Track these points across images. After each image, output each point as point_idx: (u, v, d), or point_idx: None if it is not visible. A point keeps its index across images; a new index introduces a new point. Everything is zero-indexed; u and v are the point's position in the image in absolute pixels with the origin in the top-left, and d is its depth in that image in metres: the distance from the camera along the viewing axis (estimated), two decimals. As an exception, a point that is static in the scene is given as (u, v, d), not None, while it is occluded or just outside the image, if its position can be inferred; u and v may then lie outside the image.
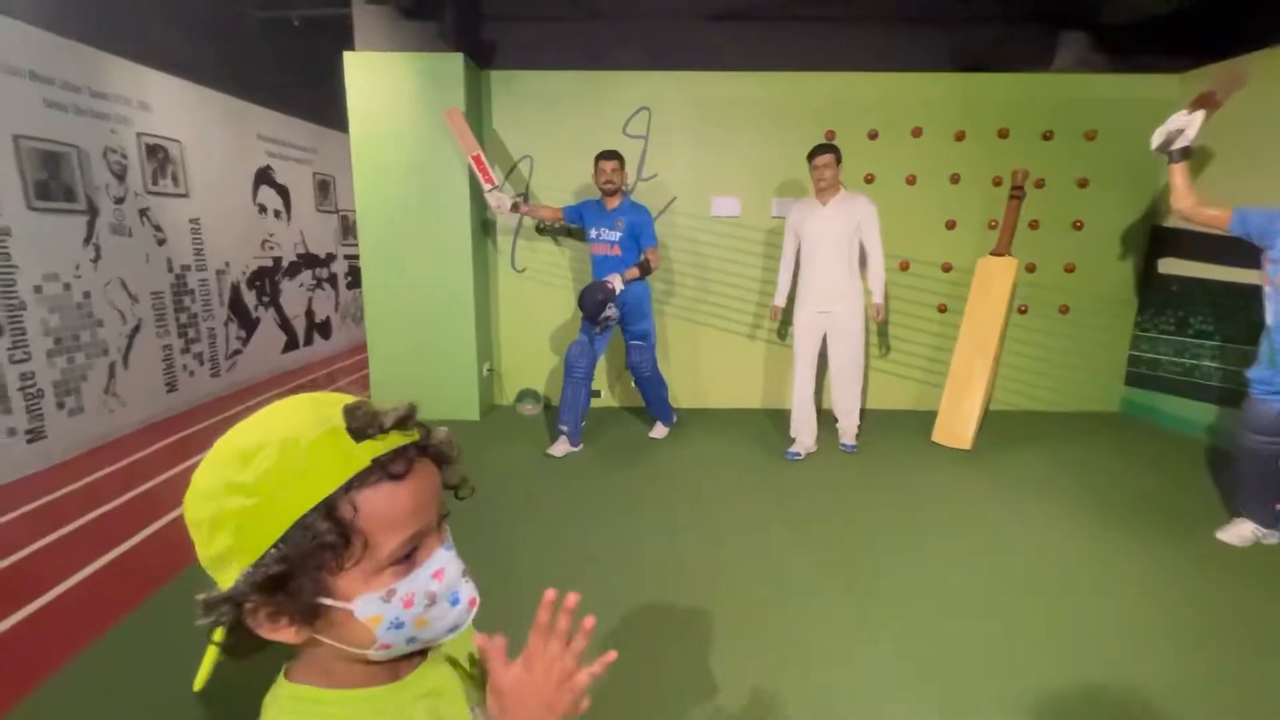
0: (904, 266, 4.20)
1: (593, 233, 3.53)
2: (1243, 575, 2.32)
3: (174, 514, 2.82)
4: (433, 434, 0.55)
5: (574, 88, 4.03)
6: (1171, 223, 3.93)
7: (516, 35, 4.08)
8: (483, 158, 3.64)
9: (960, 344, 3.78)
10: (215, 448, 0.50)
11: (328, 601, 0.49)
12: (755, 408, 4.44)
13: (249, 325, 5.10)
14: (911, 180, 4.10)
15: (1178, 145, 2.55)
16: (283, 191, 5.52)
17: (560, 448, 3.49)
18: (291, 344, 5.74)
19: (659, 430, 3.85)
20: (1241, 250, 2.54)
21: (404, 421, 0.52)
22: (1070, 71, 4.00)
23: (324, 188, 6.20)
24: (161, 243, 4.12)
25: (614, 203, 3.48)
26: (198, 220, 4.46)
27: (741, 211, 4.17)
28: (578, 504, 2.91)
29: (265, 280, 5.31)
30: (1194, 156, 2.79)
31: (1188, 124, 2.54)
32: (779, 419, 4.07)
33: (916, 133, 4.04)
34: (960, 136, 4.04)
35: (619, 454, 3.56)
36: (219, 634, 0.49)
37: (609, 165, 3.39)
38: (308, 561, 0.47)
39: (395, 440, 0.51)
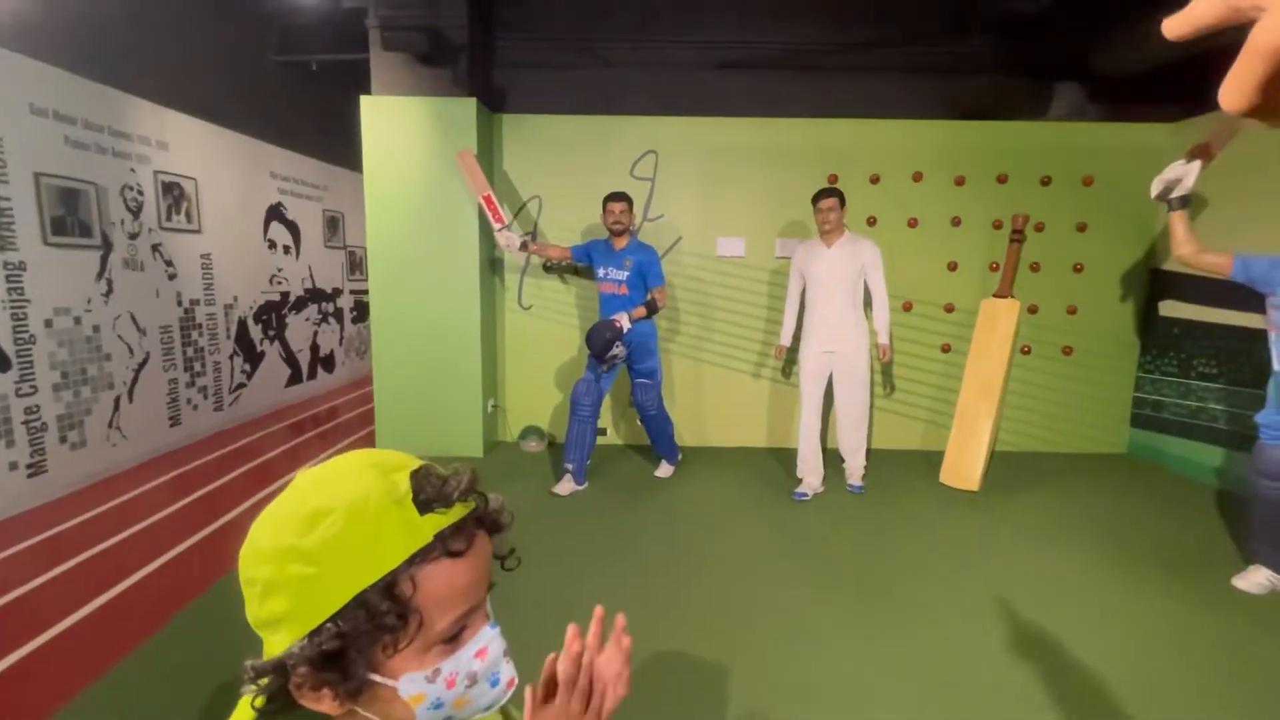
0: (907, 307, 4.24)
1: (600, 272, 3.58)
2: (1260, 624, 2.28)
3: (174, 552, 2.78)
4: (489, 502, 0.54)
5: (583, 131, 4.14)
6: (1171, 266, 3.99)
7: (528, 81, 4.21)
8: (493, 198, 3.71)
9: (966, 384, 3.79)
10: (278, 505, 0.49)
11: (376, 678, 0.48)
12: (760, 446, 4.42)
13: (254, 359, 5.11)
14: (913, 223, 4.17)
15: (1176, 194, 2.61)
16: (292, 227, 5.60)
17: (565, 486, 3.46)
18: (295, 377, 5.74)
19: (664, 469, 3.82)
20: (1241, 294, 2.58)
21: (467, 493, 0.51)
22: (1065, 120, 4.12)
23: (333, 224, 6.30)
24: (172, 277, 4.16)
25: (621, 243, 3.53)
26: (209, 255, 4.52)
27: (746, 252, 4.23)
28: (582, 543, 2.87)
29: (272, 314, 5.35)
30: (1192, 205, 2.85)
31: (1185, 173, 2.60)
32: (784, 458, 4.04)
33: (917, 177, 4.13)
34: (960, 181, 4.13)
35: (624, 492, 3.53)
36: (259, 701, 0.48)
37: (617, 206, 3.46)
38: (363, 639, 0.46)
39: (457, 512, 0.50)
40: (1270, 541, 2.45)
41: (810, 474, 3.52)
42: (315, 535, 0.46)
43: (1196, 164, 2.61)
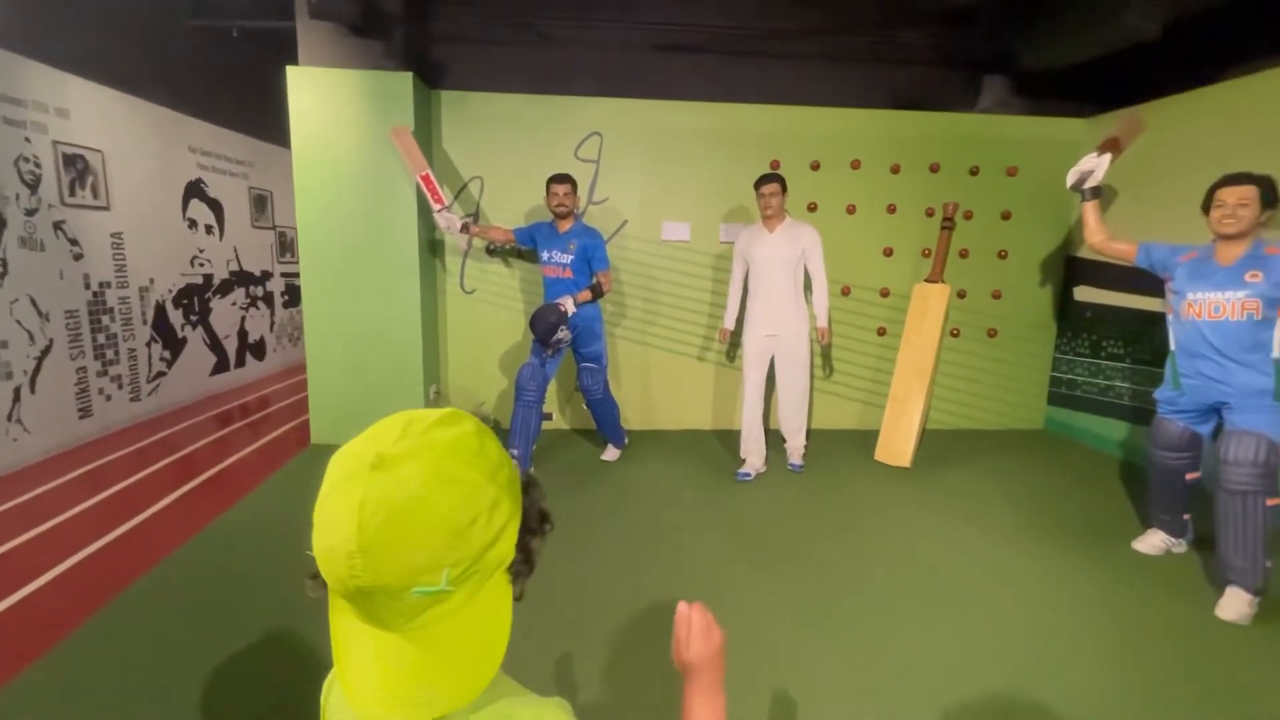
0: (845, 292, 4.37)
1: (545, 255, 3.53)
2: (1155, 582, 2.49)
3: (81, 555, 2.61)
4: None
5: (526, 111, 4.05)
6: (1084, 253, 4.25)
7: (468, 57, 4.08)
8: (431, 177, 3.59)
9: (899, 366, 3.95)
10: (433, 469, 0.49)
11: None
12: (705, 429, 4.49)
13: (174, 346, 4.81)
14: (851, 210, 4.29)
15: (1089, 185, 2.78)
16: (215, 206, 5.27)
17: (510, 472, 3.42)
18: (222, 365, 5.44)
19: (610, 452, 3.83)
20: (1145, 279, 2.77)
21: None
22: (992, 113, 4.30)
23: (260, 203, 5.97)
24: (78, 258, 3.86)
25: (566, 225, 3.49)
26: (120, 234, 4.20)
27: (691, 236, 4.26)
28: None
29: (194, 298, 5.04)
30: (1103, 195, 3.04)
31: (1096, 165, 2.77)
32: (728, 440, 4.12)
33: (856, 165, 4.24)
34: (896, 169, 4.27)
35: (570, 477, 3.52)
36: (520, 593, 0.58)
37: (561, 189, 3.41)
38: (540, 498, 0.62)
39: None
40: (1165, 507, 2.67)
41: (753, 454, 3.60)
42: (487, 449, 0.54)
43: (1107, 157, 2.77)
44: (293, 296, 6.52)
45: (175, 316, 4.81)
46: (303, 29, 3.69)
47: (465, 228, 3.68)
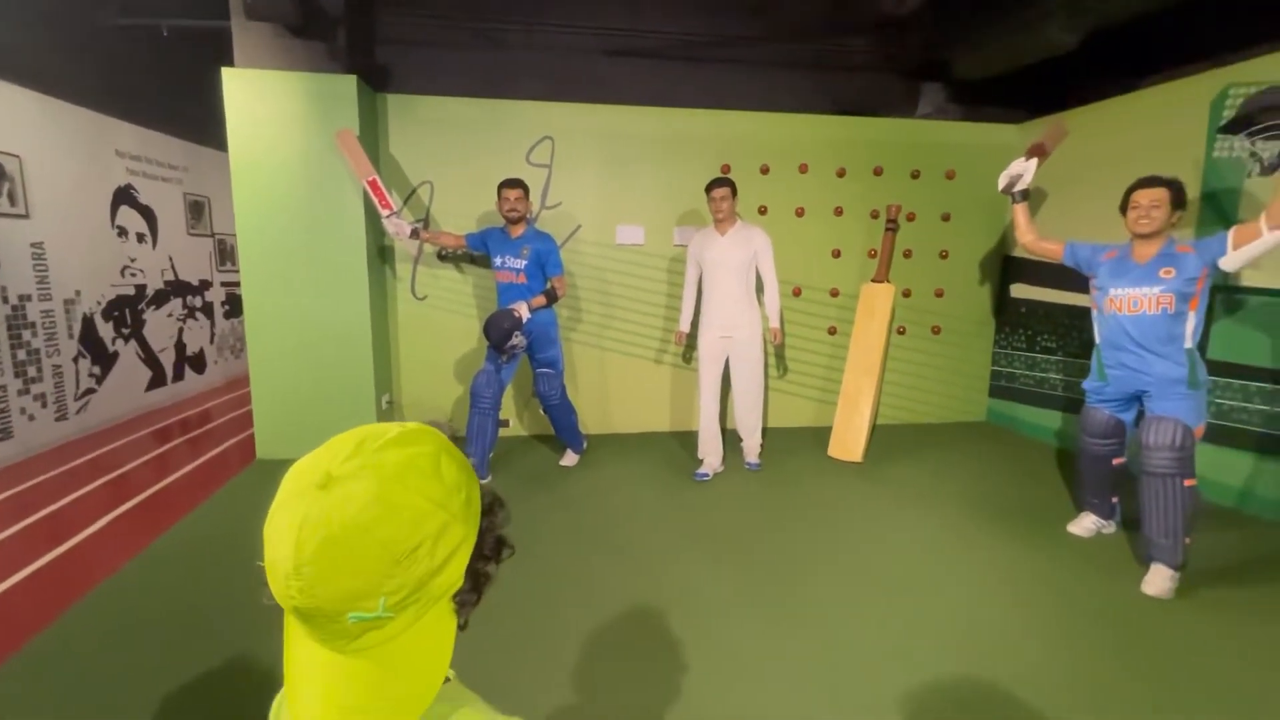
0: (796, 293, 4.48)
1: (498, 260, 3.50)
2: (1087, 562, 2.64)
3: (3, 586, 2.45)
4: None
5: (476, 115, 4.01)
6: (1019, 253, 4.47)
7: (415, 60, 4.01)
8: (379, 182, 3.51)
9: (849, 364, 4.07)
10: (385, 486, 0.49)
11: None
12: (664, 431, 4.53)
13: (105, 361, 4.56)
14: (800, 213, 4.40)
15: (1018, 188, 2.93)
16: (146, 213, 5.03)
17: (467, 481, 3.38)
18: (158, 380, 5.19)
19: (569, 457, 3.82)
20: (1073, 276, 2.94)
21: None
22: (931, 118, 4.48)
23: (197, 209, 5.72)
24: (-5, 269, 3.62)
25: (519, 230, 3.47)
26: (40, 244, 3.97)
27: (645, 240, 4.29)
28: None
29: (125, 310, 4.79)
30: (1032, 197, 3.21)
31: (1025, 169, 2.92)
32: (687, 441, 4.17)
33: (803, 169, 4.35)
34: (841, 173, 4.40)
35: (529, 483, 3.50)
36: (464, 623, 0.56)
37: (513, 193, 3.39)
38: (500, 523, 0.60)
39: None
40: (1094, 491, 2.83)
41: (710, 454, 3.65)
42: (444, 471, 0.52)
43: (1034, 161, 2.93)
44: (234, 306, 6.27)
45: (105, 330, 4.56)
46: (239, 29, 3.56)
47: (415, 233, 3.61)
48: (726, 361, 3.63)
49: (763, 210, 4.34)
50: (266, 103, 3.53)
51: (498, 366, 3.41)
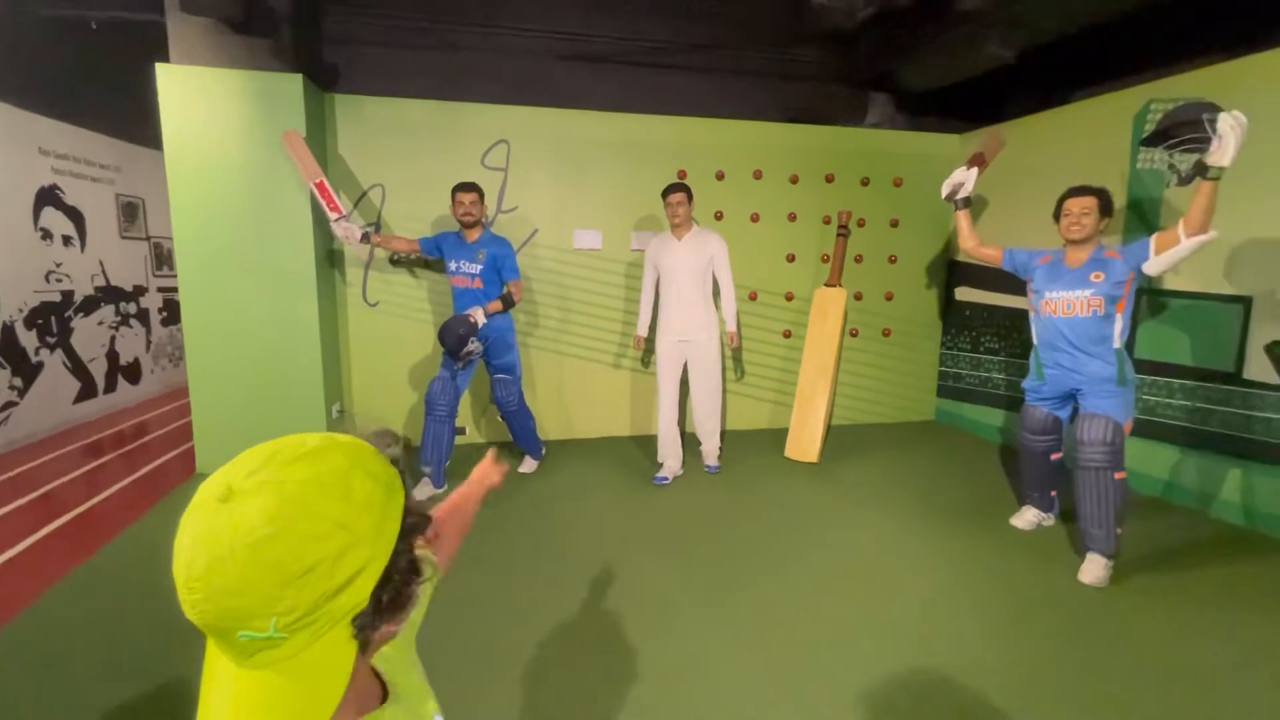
0: (753, 297, 4.54)
1: (452, 265, 3.44)
2: (1029, 553, 2.75)
3: (-82, 611, 2.27)
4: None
5: (429, 117, 3.94)
6: (962, 258, 4.65)
7: (366, 60, 3.91)
8: (327, 185, 3.41)
9: (804, 366, 4.15)
10: (285, 500, 0.48)
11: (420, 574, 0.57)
12: (623, 435, 4.52)
13: (27, 371, 4.29)
14: (755, 218, 4.47)
15: (960, 195, 3.05)
16: (74, 215, 4.76)
17: (423, 490, 3.30)
18: (88, 391, 4.91)
19: (528, 464, 3.78)
20: (1013, 280, 3.07)
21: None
22: (879, 128, 4.63)
23: (131, 211, 5.44)
24: (-99, 275, 3.36)
25: (474, 235, 3.42)
26: (-45, 247, 3.70)
27: (603, 244, 4.29)
28: (443, 549, 2.76)
29: (50, 318, 4.52)
30: (973, 204, 3.34)
31: (966, 178, 3.04)
32: (646, 445, 4.17)
33: (758, 175, 4.43)
34: (795, 180, 4.49)
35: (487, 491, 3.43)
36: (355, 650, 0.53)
37: (467, 197, 3.34)
38: (414, 537, 0.56)
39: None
40: (1034, 485, 2.96)
41: (670, 458, 3.67)
42: (354, 488, 0.50)
43: (974, 170, 3.05)
44: (172, 313, 5.98)
45: (28, 339, 4.29)
46: (174, 23, 3.41)
47: (366, 237, 3.52)
48: (685, 365, 3.65)
49: (719, 215, 4.40)
50: (205, 101, 3.39)
51: (453, 373, 3.35)
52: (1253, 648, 2.09)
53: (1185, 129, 2.27)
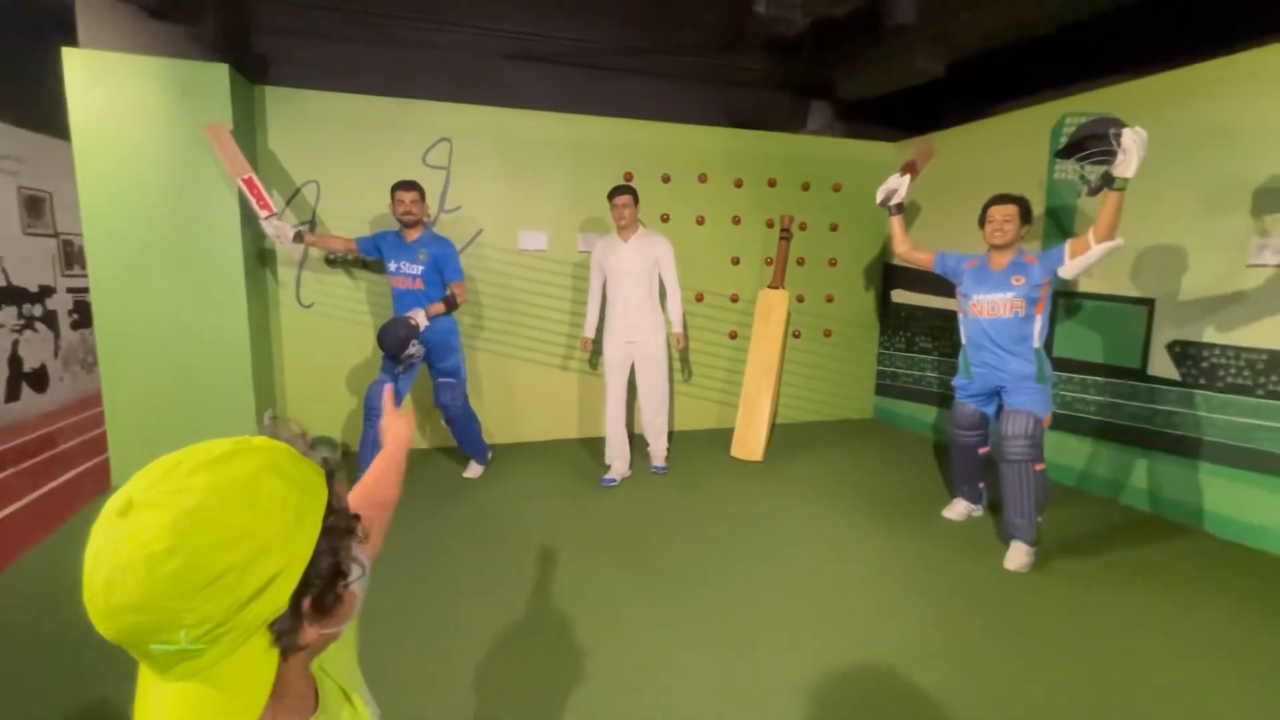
0: (699, 298, 4.60)
1: (392, 265, 3.34)
2: (959, 543, 2.89)
3: None
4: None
5: (367, 112, 3.81)
6: (897, 262, 4.84)
7: (299, 52, 3.75)
8: (256, 181, 3.26)
9: (749, 367, 4.23)
10: (186, 510, 0.46)
11: (351, 578, 0.55)
12: (571, 438, 4.50)
13: (-85, 379, 3.91)
14: (701, 221, 4.53)
15: (894, 201, 3.17)
16: (-29, 209, 4.38)
17: (362, 498, 3.19)
18: (-14, 400, 4.52)
19: (473, 469, 3.71)
20: (944, 283, 3.22)
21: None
22: (819, 134, 4.77)
23: (35, 205, 5.05)
24: None
25: (414, 234, 3.34)
26: None
27: (549, 245, 4.25)
28: (384, 556, 2.68)
29: (-57, 321, 4.14)
30: (906, 210, 3.49)
31: (899, 185, 3.16)
32: (595, 447, 4.16)
33: (703, 178, 4.49)
34: (739, 184, 4.58)
35: (430, 497, 3.36)
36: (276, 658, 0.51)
37: (407, 196, 3.26)
38: (344, 545, 0.55)
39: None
40: (964, 478, 3.11)
41: (618, 460, 3.67)
42: (265, 492, 0.49)
43: (906, 178, 3.18)
44: (84, 315, 5.58)
45: (-85, 343, 3.92)
46: (84, 6, 3.19)
47: (299, 236, 3.38)
48: (632, 367, 3.66)
49: (665, 218, 4.43)
50: (119, 89, 3.18)
51: (394, 376, 3.25)
52: (1162, 624, 2.26)
53: (1094, 142, 2.44)
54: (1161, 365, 3.21)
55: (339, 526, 0.55)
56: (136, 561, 0.44)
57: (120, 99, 3.19)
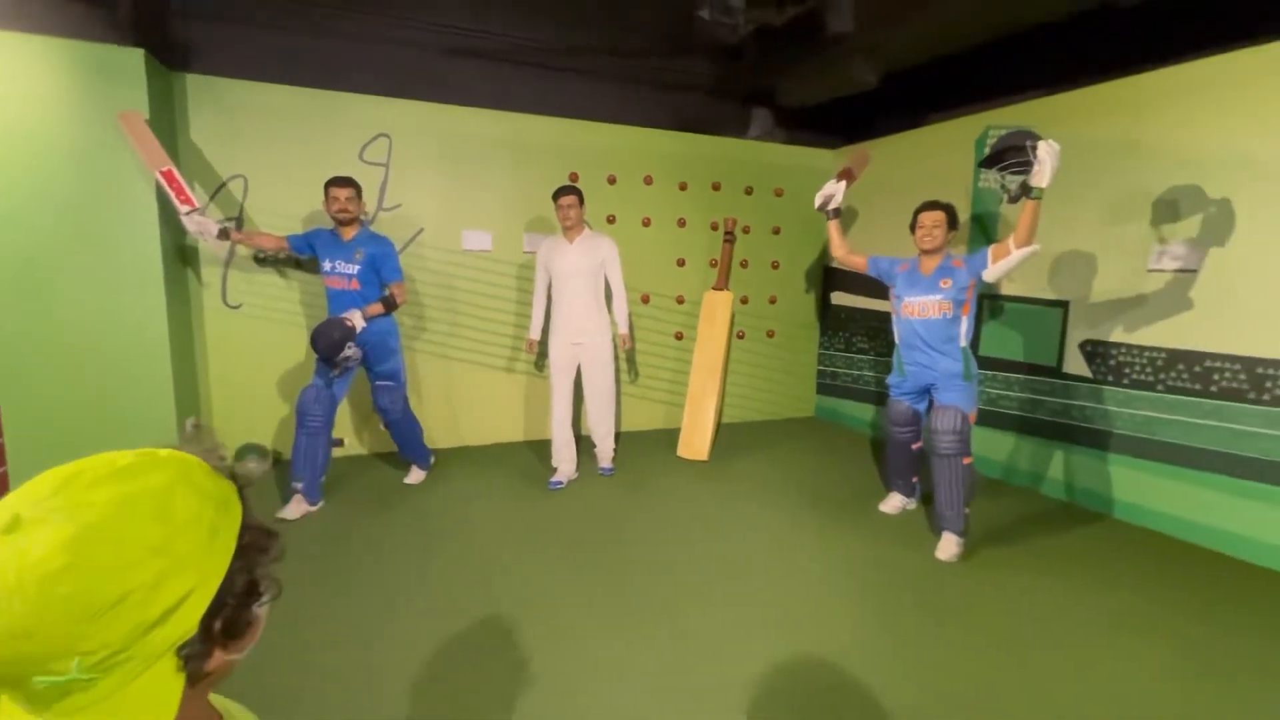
0: (645, 300, 4.63)
1: (327, 265, 3.22)
2: (895, 535, 3.01)
3: None
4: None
5: (299, 105, 3.66)
6: (836, 264, 4.99)
7: (225, 39, 3.56)
8: (176, 174, 3.07)
9: (694, 368, 4.28)
10: (91, 524, 0.43)
11: (262, 601, 0.53)
12: (518, 441, 4.44)
13: None
14: (647, 222, 4.56)
15: (831, 206, 3.27)
16: None
17: (295, 508, 3.06)
18: None
19: (415, 475, 3.61)
20: (879, 286, 3.34)
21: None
22: (761, 140, 4.87)
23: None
24: None
25: (350, 233, 3.22)
26: None
27: (494, 245, 4.19)
28: (321, 568, 2.57)
29: None
30: (843, 215, 3.62)
31: (836, 191, 3.27)
32: (541, 450, 4.12)
33: (648, 180, 4.52)
34: (684, 186, 4.63)
35: (369, 506, 3.25)
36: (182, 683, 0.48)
37: (343, 192, 3.14)
38: (260, 563, 0.53)
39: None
40: (898, 473, 3.24)
41: (564, 462, 3.65)
42: (175, 507, 0.46)
43: (843, 183, 3.29)
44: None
45: None
46: (-23, -19, 2.93)
47: (225, 233, 3.21)
48: (579, 368, 3.65)
49: (611, 219, 4.43)
50: (23, 72, 2.94)
51: (328, 381, 3.13)
52: (1079, 604, 2.41)
53: (1013, 153, 2.59)
54: (1075, 363, 3.43)
55: (255, 543, 0.52)
56: (26, 583, 0.40)
57: (24, 83, 2.94)
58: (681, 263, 4.71)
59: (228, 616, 0.49)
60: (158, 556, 0.44)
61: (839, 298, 5.06)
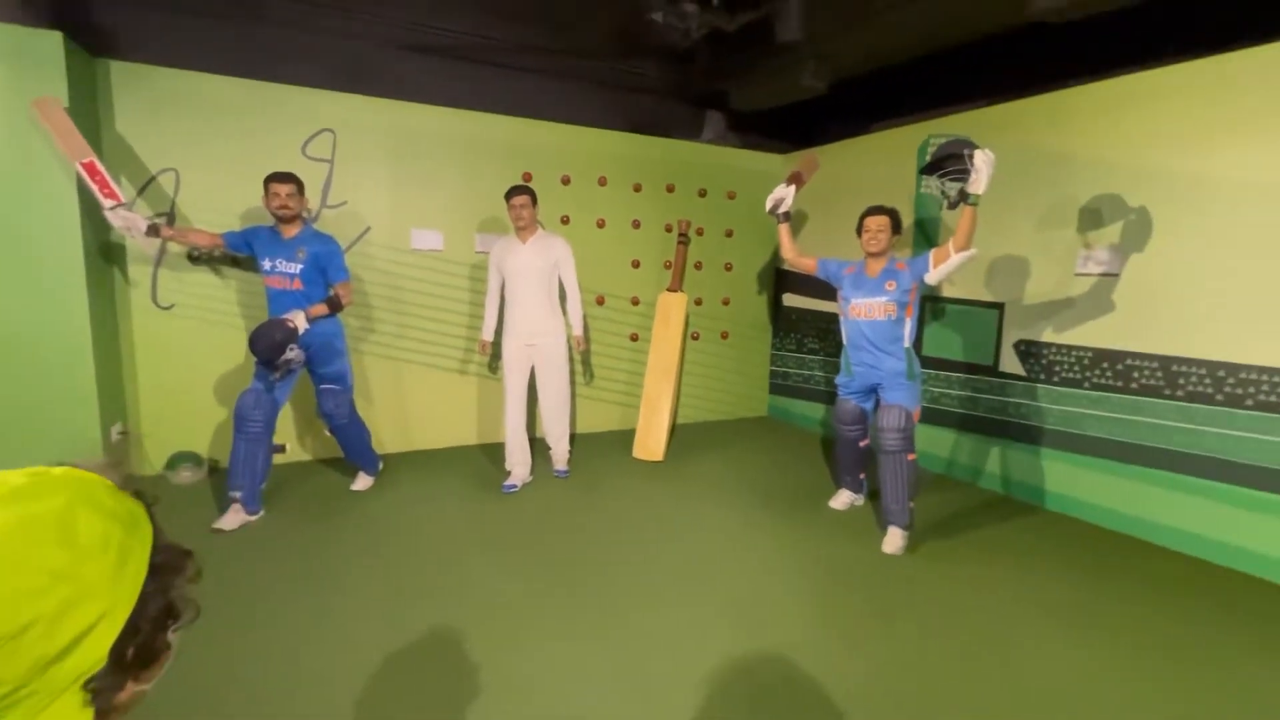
0: (600, 301, 4.61)
1: (266, 264, 3.08)
2: (844, 531, 3.09)
3: None
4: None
5: (236, 96, 3.50)
6: (787, 267, 5.10)
7: (154, 24, 3.37)
8: (99, 166, 2.89)
9: (649, 369, 4.30)
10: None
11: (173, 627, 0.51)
12: (471, 444, 4.36)
13: None
14: (601, 224, 4.55)
15: (781, 209, 3.34)
16: None
17: (232, 519, 2.92)
18: None
19: (362, 481, 3.50)
20: (828, 288, 3.43)
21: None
22: (714, 143, 4.93)
23: None
24: None
25: (292, 231, 3.10)
26: None
27: (445, 245, 4.10)
28: (261, 581, 2.46)
29: None
30: (793, 218, 3.69)
31: (786, 194, 3.34)
32: (495, 453, 4.06)
33: (603, 181, 4.51)
34: (638, 188, 4.64)
35: (312, 514, 3.13)
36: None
37: (283, 189, 3.02)
38: (176, 584, 0.51)
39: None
40: (847, 470, 3.33)
41: (518, 465, 3.60)
42: (78, 531, 0.43)
43: (793, 187, 3.37)
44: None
45: None
46: None
47: (154, 230, 3.04)
48: (532, 370, 3.61)
49: (565, 220, 4.41)
50: (-81, 53, 2.72)
51: (269, 384, 3.00)
52: (1016, 592, 2.53)
53: (951, 161, 2.70)
54: (1010, 362, 3.60)
55: (169, 564, 0.49)
56: None
57: (-81, 64, 2.73)
58: (636, 264, 4.72)
59: (141, 644, 0.46)
60: (61, 583, 0.41)
61: (790, 299, 5.17)
